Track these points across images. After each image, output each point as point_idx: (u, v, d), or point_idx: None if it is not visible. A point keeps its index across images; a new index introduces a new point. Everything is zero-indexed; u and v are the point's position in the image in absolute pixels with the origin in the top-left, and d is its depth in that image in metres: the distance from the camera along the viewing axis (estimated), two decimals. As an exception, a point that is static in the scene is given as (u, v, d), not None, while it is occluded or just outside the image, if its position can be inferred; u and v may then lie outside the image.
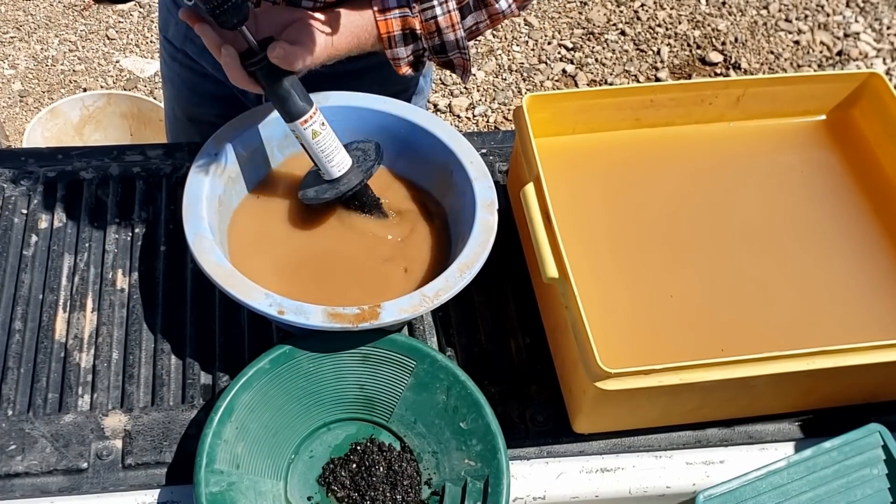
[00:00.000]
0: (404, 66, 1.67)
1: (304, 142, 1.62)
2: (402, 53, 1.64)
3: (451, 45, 1.65)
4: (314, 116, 1.59)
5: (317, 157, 1.64)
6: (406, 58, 1.65)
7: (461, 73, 1.73)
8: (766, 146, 1.89)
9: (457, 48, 1.66)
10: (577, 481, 1.56)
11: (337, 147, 1.64)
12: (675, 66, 4.36)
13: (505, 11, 1.67)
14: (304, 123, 1.59)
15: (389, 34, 1.61)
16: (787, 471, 1.50)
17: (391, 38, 1.61)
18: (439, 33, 1.63)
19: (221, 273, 1.50)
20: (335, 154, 1.64)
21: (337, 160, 1.64)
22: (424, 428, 1.54)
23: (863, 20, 4.64)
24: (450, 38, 1.64)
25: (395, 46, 1.63)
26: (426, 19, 1.62)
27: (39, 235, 1.76)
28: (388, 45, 1.62)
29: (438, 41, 1.64)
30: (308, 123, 1.59)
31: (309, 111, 1.59)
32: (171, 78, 2.13)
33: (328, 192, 1.66)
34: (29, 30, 4.28)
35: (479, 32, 1.70)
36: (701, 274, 1.70)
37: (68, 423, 1.54)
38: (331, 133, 1.62)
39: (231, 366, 1.63)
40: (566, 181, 1.78)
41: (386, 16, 1.60)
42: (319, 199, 1.67)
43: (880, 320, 1.66)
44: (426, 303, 1.50)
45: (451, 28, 1.63)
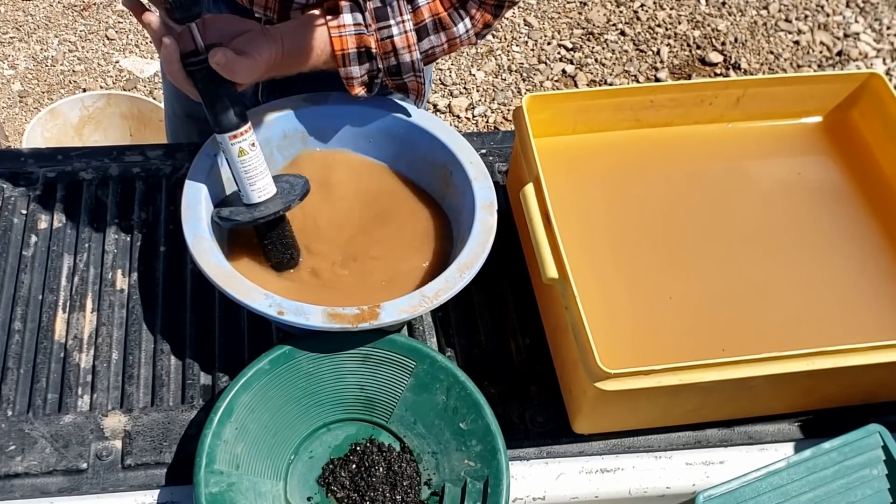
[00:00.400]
0: (357, 87, 1.65)
1: (229, 158, 1.57)
2: (356, 72, 1.62)
3: (406, 66, 1.63)
4: (245, 134, 1.55)
5: (239, 178, 1.59)
6: (360, 77, 1.63)
7: (414, 97, 1.71)
8: (765, 146, 1.89)
9: (412, 70, 1.64)
10: (577, 482, 1.56)
11: (262, 172, 1.59)
12: (674, 66, 4.36)
13: (462, 37, 1.65)
14: (233, 139, 1.55)
15: (344, 52, 1.59)
16: (787, 471, 1.50)
17: (345, 55, 1.59)
18: (395, 53, 1.61)
19: (221, 274, 1.50)
20: (259, 179, 1.58)
21: (259, 185, 1.59)
22: (424, 428, 1.54)
23: (863, 20, 4.64)
24: (405, 59, 1.62)
25: (350, 65, 1.61)
26: (382, 38, 1.60)
27: (39, 236, 1.76)
28: (341, 63, 1.60)
29: (394, 62, 1.62)
30: (237, 140, 1.55)
31: (241, 127, 1.55)
32: None
33: (242, 216, 1.61)
34: (28, 30, 4.28)
35: (435, 57, 1.68)
36: (700, 274, 1.70)
37: (68, 424, 1.54)
38: (259, 156, 1.58)
39: (231, 366, 1.63)
40: (566, 181, 1.78)
41: (341, 32, 1.58)
42: (231, 220, 1.61)
43: (879, 321, 1.66)
44: (426, 303, 1.50)
45: (407, 49, 1.61)
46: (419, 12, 1.62)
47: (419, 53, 1.63)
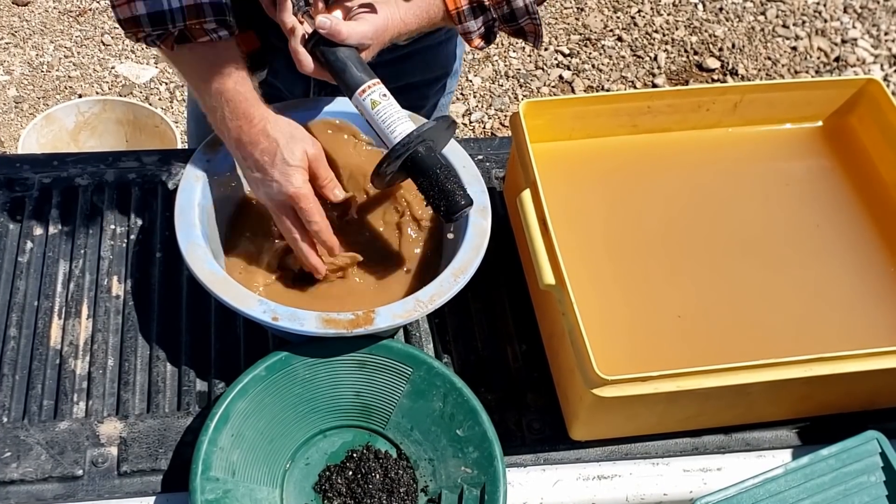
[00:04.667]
0: (476, 39, 1.67)
1: (366, 114, 1.58)
2: (474, 26, 1.65)
3: (520, 11, 1.64)
4: (375, 86, 1.56)
5: (379, 129, 1.58)
6: (478, 30, 1.66)
7: (533, 39, 1.72)
8: (763, 152, 1.89)
9: (526, 14, 1.65)
10: (574, 489, 1.56)
11: (401, 118, 1.56)
12: (672, 72, 4.36)
13: None
14: (362, 94, 1.56)
15: (458, 9, 1.62)
16: (785, 478, 1.50)
17: (460, 12, 1.62)
18: (507, 1, 1.63)
19: (215, 280, 1.50)
20: (398, 124, 1.55)
21: (402, 129, 1.55)
22: (421, 435, 1.53)
23: (860, 26, 4.64)
24: (518, 4, 1.63)
25: (466, 20, 1.63)
26: None
27: (34, 242, 1.76)
28: (457, 21, 1.63)
29: (507, 9, 1.64)
30: (367, 93, 1.55)
31: (368, 82, 1.56)
32: None
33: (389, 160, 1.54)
34: (24, 36, 4.28)
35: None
36: (698, 280, 1.69)
37: (63, 431, 1.54)
38: (393, 104, 1.57)
39: (227, 373, 1.62)
40: (563, 187, 1.77)
41: None
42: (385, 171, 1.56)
43: (877, 327, 1.65)
44: (420, 308, 1.50)
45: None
46: None
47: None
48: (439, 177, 1.53)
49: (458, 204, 1.53)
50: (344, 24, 1.52)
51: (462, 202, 1.53)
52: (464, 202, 1.53)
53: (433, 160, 1.54)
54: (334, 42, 1.53)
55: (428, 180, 1.54)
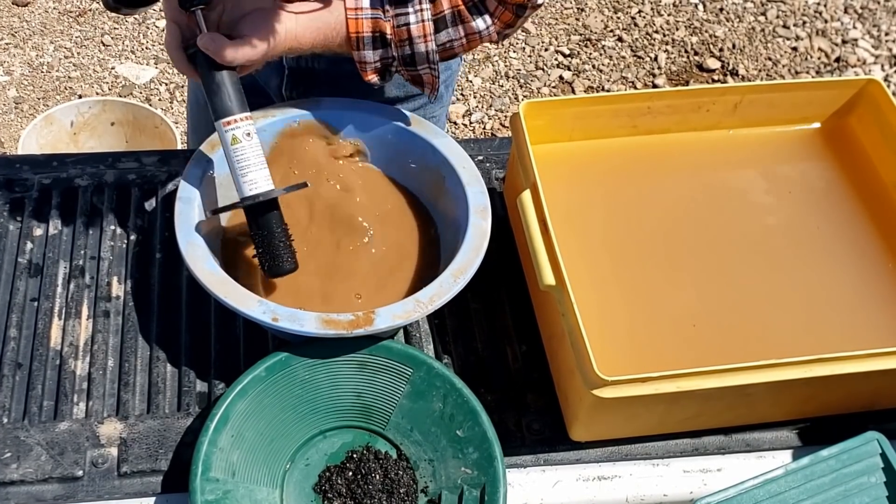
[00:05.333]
0: (370, 73, 1.64)
1: (224, 146, 1.56)
2: (370, 57, 1.62)
3: (420, 57, 1.62)
4: (239, 122, 1.54)
5: (232, 167, 1.56)
6: (373, 63, 1.63)
7: (429, 90, 1.70)
8: (763, 152, 1.89)
9: (426, 62, 1.63)
10: (574, 489, 1.56)
11: (257, 165, 1.55)
12: (672, 72, 4.36)
13: (482, 33, 1.63)
14: (227, 125, 1.54)
15: (358, 34, 1.58)
16: (785, 479, 1.50)
17: (360, 38, 1.59)
18: (410, 42, 1.60)
19: (214, 280, 1.50)
20: (252, 171, 1.55)
21: (252, 177, 1.55)
22: (421, 436, 1.53)
23: (861, 26, 4.64)
24: (420, 49, 1.61)
25: (363, 49, 1.60)
26: (398, 25, 1.59)
27: (34, 242, 1.76)
28: (355, 47, 1.60)
29: (409, 51, 1.62)
30: (230, 127, 1.54)
31: (236, 114, 1.54)
32: None
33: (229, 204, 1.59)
34: (24, 36, 4.28)
35: (454, 52, 1.66)
36: (697, 281, 1.69)
37: (63, 431, 1.54)
38: (254, 147, 1.55)
39: (227, 373, 1.62)
40: (563, 188, 1.77)
41: (357, 14, 1.58)
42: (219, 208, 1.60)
43: (878, 328, 1.65)
44: (420, 308, 1.50)
45: (422, 38, 1.60)
46: (438, 3, 1.61)
47: (435, 45, 1.62)
48: (272, 237, 1.58)
49: (281, 267, 1.59)
50: (229, 46, 1.49)
51: (287, 266, 1.59)
52: (288, 267, 1.59)
53: (270, 222, 1.58)
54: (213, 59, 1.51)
55: (260, 236, 1.58)
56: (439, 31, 1.62)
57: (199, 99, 2.18)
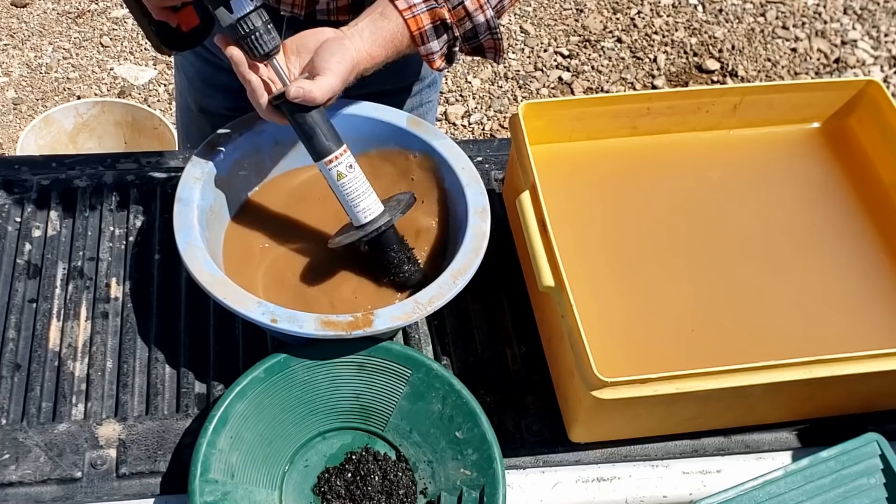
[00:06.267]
0: (438, 61, 1.65)
1: (330, 183, 1.58)
2: (436, 47, 1.62)
3: (481, 27, 1.63)
4: (340, 157, 1.55)
5: (342, 200, 1.59)
6: (439, 51, 1.63)
7: (493, 55, 1.70)
8: (763, 154, 1.89)
9: (487, 29, 1.64)
10: (574, 491, 1.56)
11: (365, 192, 1.58)
12: (671, 73, 4.36)
13: None
14: (329, 164, 1.55)
15: (421, 30, 1.59)
16: (784, 480, 1.50)
17: (423, 33, 1.59)
18: (469, 17, 1.61)
19: (213, 282, 1.49)
20: (362, 199, 1.58)
21: (364, 205, 1.58)
22: (420, 437, 1.53)
23: (860, 27, 4.64)
24: (479, 20, 1.62)
25: (428, 41, 1.60)
26: (453, 6, 1.60)
27: (33, 244, 1.76)
28: (420, 42, 1.60)
29: (469, 25, 1.62)
30: (332, 164, 1.55)
31: (335, 151, 1.55)
32: (185, 68, 2.12)
33: (351, 237, 1.60)
34: (23, 37, 4.28)
35: (504, 9, 1.67)
36: (697, 282, 1.69)
37: (62, 433, 1.54)
38: (359, 177, 1.57)
39: (226, 375, 1.62)
40: (562, 189, 1.77)
41: (413, 12, 1.58)
42: (341, 243, 1.62)
43: (877, 328, 1.65)
44: (420, 310, 1.50)
45: (479, 9, 1.61)
46: None
47: (491, 10, 1.63)
48: (396, 253, 1.63)
49: (409, 279, 1.65)
50: (315, 86, 1.50)
51: (413, 277, 1.65)
52: (415, 277, 1.65)
53: (391, 239, 1.62)
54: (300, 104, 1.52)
55: (386, 256, 1.63)
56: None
57: (189, 103, 2.17)
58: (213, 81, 2.05)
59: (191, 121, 2.22)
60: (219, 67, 2.00)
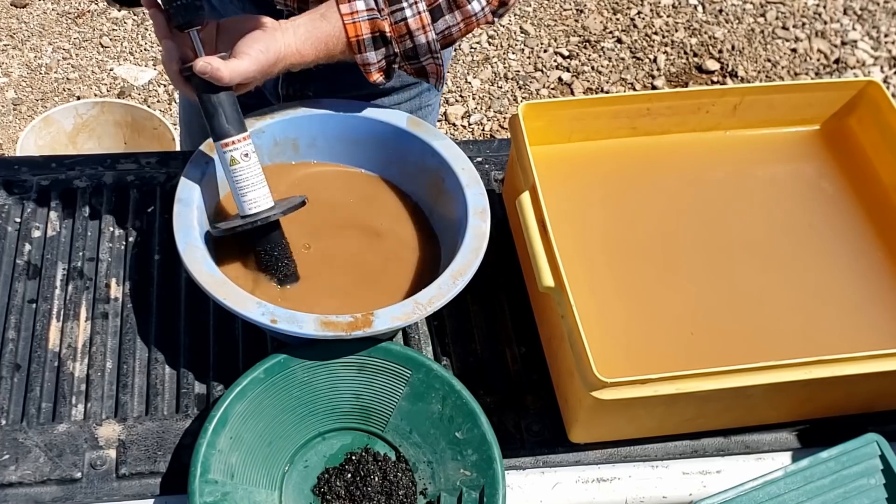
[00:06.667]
0: (375, 73, 1.63)
1: (224, 167, 1.58)
2: (373, 58, 1.61)
3: (422, 48, 1.62)
4: (237, 144, 1.56)
5: (231, 186, 1.59)
6: (377, 63, 1.62)
7: (434, 80, 1.70)
8: (763, 154, 1.89)
9: (429, 52, 1.63)
10: (573, 491, 1.56)
11: (256, 184, 1.58)
12: (671, 74, 4.36)
13: (478, 15, 1.63)
14: (225, 147, 1.56)
15: (358, 38, 1.58)
16: (784, 481, 1.50)
17: (360, 41, 1.58)
18: (410, 36, 1.60)
19: (213, 282, 1.49)
20: (251, 190, 1.58)
21: (252, 196, 1.58)
22: (420, 438, 1.53)
23: (860, 28, 4.64)
24: (421, 41, 1.61)
25: (365, 51, 1.59)
26: (396, 21, 1.59)
27: (33, 244, 1.76)
28: (356, 50, 1.59)
29: (410, 44, 1.61)
30: (228, 149, 1.56)
31: (234, 136, 1.55)
32: None
33: (230, 224, 1.61)
34: (22, 38, 4.28)
35: (453, 38, 1.65)
36: (697, 282, 1.69)
37: (62, 433, 1.54)
38: (254, 167, 1.58)
39: (225, 375, 1.62)
40: (562, 190, 1.77)
41: (354, 18, 1.57)
42: (220, 228, 1.61)
43: (877, 329, 1.65)
44: (419, 310, 1.49)
45: (421, 30, 1.60)
46: None
47: (434, 34, 1.61)
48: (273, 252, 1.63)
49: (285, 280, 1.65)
50: (225, 66, 1.50)
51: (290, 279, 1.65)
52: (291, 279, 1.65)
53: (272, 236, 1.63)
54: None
55: (264, 252, 1.63)
56: (437, 20, 1.62)
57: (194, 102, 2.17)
58: None
59: (192, 117, 2.21)
60: None
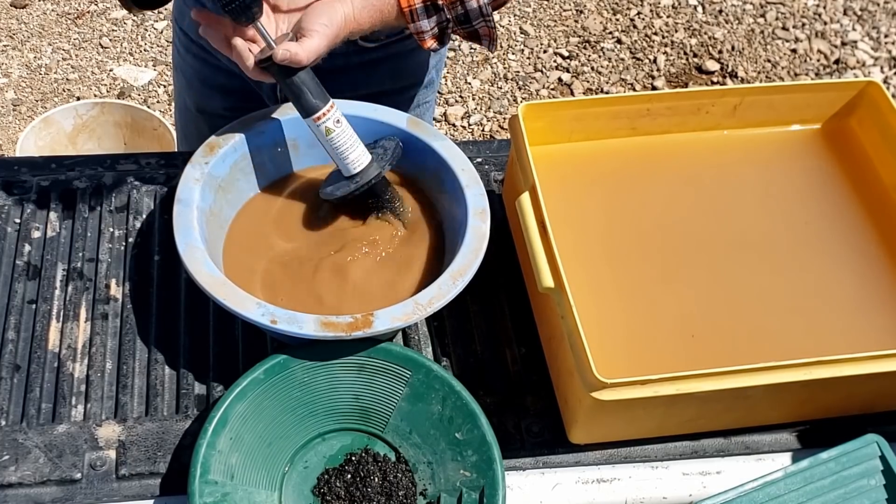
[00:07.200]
0: (429, 40, 1.65)
1: (319, 138, 1.62)
2: (426, 26, 1.62)
3: (474, 13, 1.62)
4: (328, 113, 1.59)
5: (333, 154, 1.64)
6: (430, 30, 1.63)
7: (487, 42, 1.70)
8: (763, 155, 1.88)
9: (481, 16, 1.63)
10: (573, 492, 1.56)
11: (353, 145, 1.63)
12: (671, 74, 4.36)
13: None
14: (317, 120, 1.59)
15: (411, 7, 1.59)
16: (784, 481, 1.49)
17: (413, 11, 1.59)
18: (462, 2, 1.60)
19: (213, 283, 1.49)
20: (350, 151, 1.63)
21: (353, 157, 1.63)
22: (420, 438, 1.53)
23: (860, 28, 4.64)
24: (472, 5, 1.61)
25: (418, 19, 1.60)
26: None
27: (32, 245, 1.76)
28: (409, 19, 1.60)
29: (461, 9, 1.61)
30: (321, 120, 1.59)
31: (322, 108, 1.59)
32: (183, 69, 2.12)
33: (344, 189, 1.66)
34: (22, 38, 4.28)
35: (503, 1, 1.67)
36: (697, 283, 1.69)
37: (62, 434, 1.54)
38: (347, 131, 1.62)
39: (225, 376, 1.62)
40: (562, 190, 1.77)
41: None
42: (335, 195, 1.67)
43: (877, 330, 1.65)
44: (419, 311, 1.49)
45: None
46: None
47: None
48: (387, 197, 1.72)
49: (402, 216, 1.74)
50: (300, 48, 1.51)
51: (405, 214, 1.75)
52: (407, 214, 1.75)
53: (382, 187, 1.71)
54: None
55: (379, 201, 1.72)
56: None
57: (187, 103, 2.17)
58: (211, 82, 2.05)
59: (189, 121, 2.21)
60: (217, 68, 2.00)
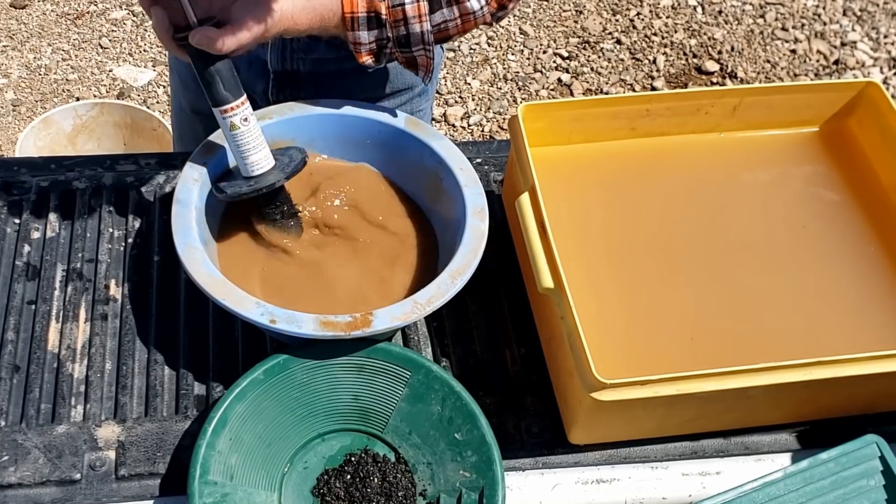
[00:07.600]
0: (365, 55, 1.63)
1: (224, 132, 1.59)
2: (364, 38, 1.60)
3: (416, 38, 1.61)
4: (236, 109, 1.56)
5: (234, 151, 1.60)
6: (368, 44, 1.61)
7: (423, 73, 1.69)
8: (762, 155, 1.89)
9: (421, 43, 1.62)
10: (573, 492, 1.56)
11: (257, 147, 1.60)
12: (671, 75, 4.36)
13: (476, 14, 1.62)
14: (224, 113, 1.56)
15: (353, 14, 1.57)
16: (784, 482, 1.49)
17: (354, 18, 1.57)
18: (405, 22, 1.59)
19: (212, 283, 1.49)
20: (253, 153, 1.59)
21: (254, 159, 1.60)
22: (419, 439, 1.53)
23: (860, 29, 4.64)
24: (415, 29, 1.60)
25: (358, 29, 1.59)
26: (393, 5, 1.58)
27: (32, 245, 1.76)
28: (350, 27, 1.58)
29: (404, 31, 1.60)
30: (227, 114, 1.56)
31: (232, 102, 1.55)
32: (179, 69, 2.11)
33: (236, 188, 1.62)
34: (22, 39, 4.28)
35: (448, 34, 1.65)
36: (696, 283, 1.69)
37: (61, 434, 1.54)
38: (253, 131, 1.59)
39: (225, 376, 1.62)
40: (561, 191, 1.77)
41: None
42: (225, 192, 1.63)
43: (877, 330, 1.65)
44: (418, 310, 1.49)
45: (417, 19, 1.59)
46: None
47: (430, 26, 1.61)
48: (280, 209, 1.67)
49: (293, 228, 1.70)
50: (221, 37, 1.47)
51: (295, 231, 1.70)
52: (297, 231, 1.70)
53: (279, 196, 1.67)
54: None
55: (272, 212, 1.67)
56: (434, 12, 1.61)
57: (183, 104, 2.17)
58: None
59: (185, 122, 2.21)
60: None
